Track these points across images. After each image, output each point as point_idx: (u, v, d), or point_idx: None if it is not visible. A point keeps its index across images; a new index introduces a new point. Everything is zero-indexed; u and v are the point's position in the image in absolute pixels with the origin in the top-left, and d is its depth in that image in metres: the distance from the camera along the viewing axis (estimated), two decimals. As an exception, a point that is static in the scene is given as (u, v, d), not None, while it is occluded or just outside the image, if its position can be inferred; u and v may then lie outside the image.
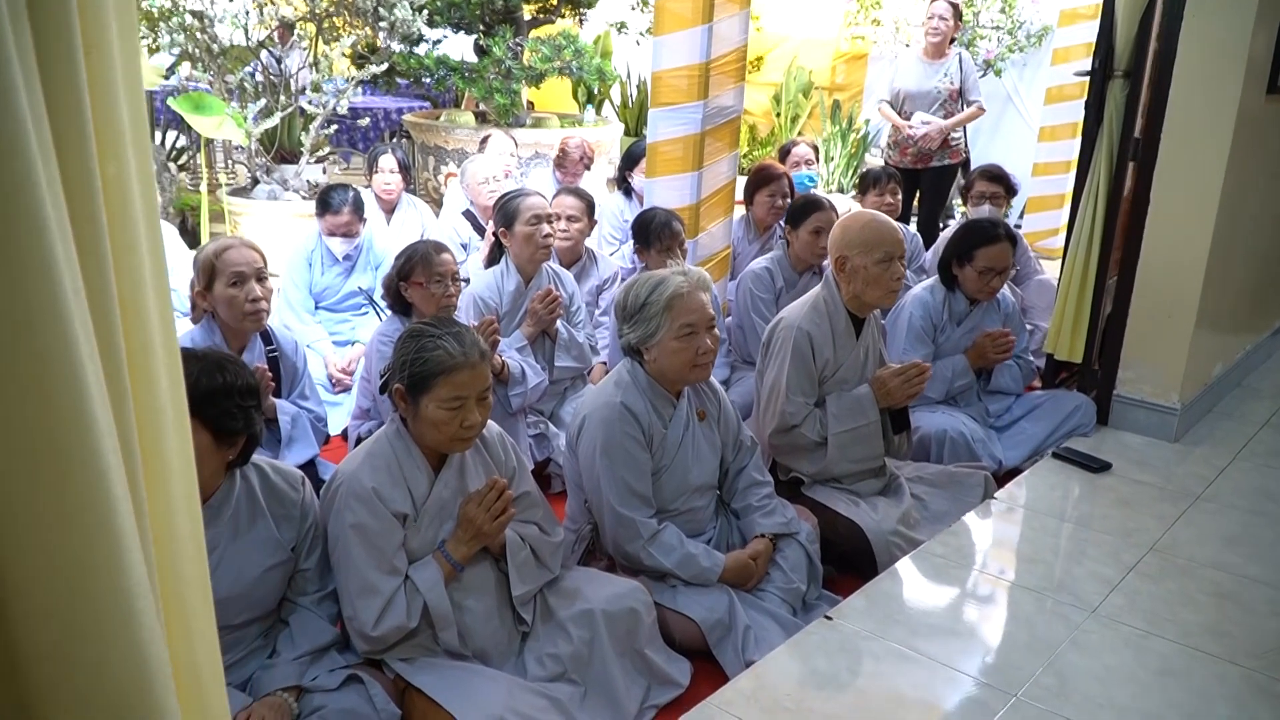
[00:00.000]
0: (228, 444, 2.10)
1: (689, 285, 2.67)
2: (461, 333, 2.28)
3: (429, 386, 2.22)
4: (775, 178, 4.97)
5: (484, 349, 2.30)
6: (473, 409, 2.26)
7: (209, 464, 2.09)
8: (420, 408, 2.25)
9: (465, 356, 2.24)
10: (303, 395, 3.28)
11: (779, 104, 9.76)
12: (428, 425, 2.26)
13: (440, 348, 2.23)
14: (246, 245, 3.03)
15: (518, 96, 6.80)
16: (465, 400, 2.24)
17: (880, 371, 3.24)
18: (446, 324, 2.31)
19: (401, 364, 2.26)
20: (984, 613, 2.66)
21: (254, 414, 2.13)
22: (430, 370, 2.22)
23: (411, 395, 2.25)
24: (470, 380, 2.24)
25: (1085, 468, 3.54)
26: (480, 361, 2.27)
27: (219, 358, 2.11)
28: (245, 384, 2.11)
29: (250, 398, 2.12)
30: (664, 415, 2.75)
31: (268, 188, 5.80)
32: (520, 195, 3.71)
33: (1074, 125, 7.77)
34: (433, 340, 2.24)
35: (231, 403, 2.06)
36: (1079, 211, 3.85)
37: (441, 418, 2.23)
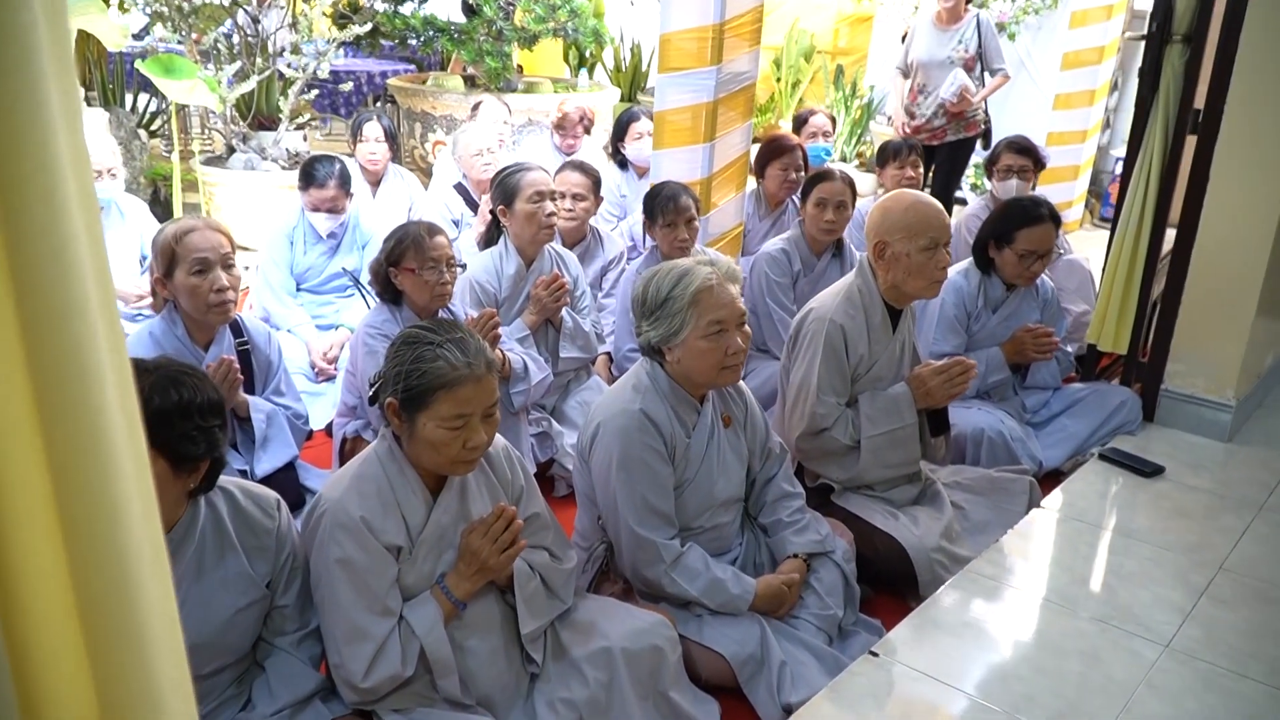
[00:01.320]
0: (188, 471, 1.79)
1: (717, 277, 2.35)
2: (465, 339, 1.96)
3: (427, 403, 1.91)
4: (789, 149, 4.65)
5: (490, 358, 1.99)
6: (478, 428, 1.95)
7: (166, 495, 1.78)
8: (416, 426, 1.94)
9: (470, 368, 1.93)
10: (278, 391, 2.96)
11: (779, 69, 9.39)
12: (425, 446, 1.95)
13: (441, 358, 1.91)
14: (211, 228, 2.69)
15: (509, 59, 6.43)
16: (469, 418, 1.93)
17: (920, 369, 2.95)
18: (447, 328, 1.99)
19: (396, 375, 1.94)
20: (1047, 647, 2.38)
21: (218, 435, 1.82)
22: (429, 384, 1.91)
23: (407, 412, 1.94)
24: (475, 395, 1.93)
25: (1135, 471, 3.26)
26: (487, 373, 1.96)
27: (174, 371, 1.79)
28: (207, 400, 1.79)
29: (214, 416, 1.81)
30: (687, 423, 2.45)
31: (244, 156, 5.43)
32: (521, 170, 3.38)
33: (1090, 93, 7.47)
34: (431, 349, 1.93)
35: (190, 424, 1.75)
36: (1129, 189, 3.55)
37: (442, 438, 1.93)
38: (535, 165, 3.45)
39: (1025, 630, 2.43)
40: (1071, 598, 2.56)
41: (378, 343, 2.91)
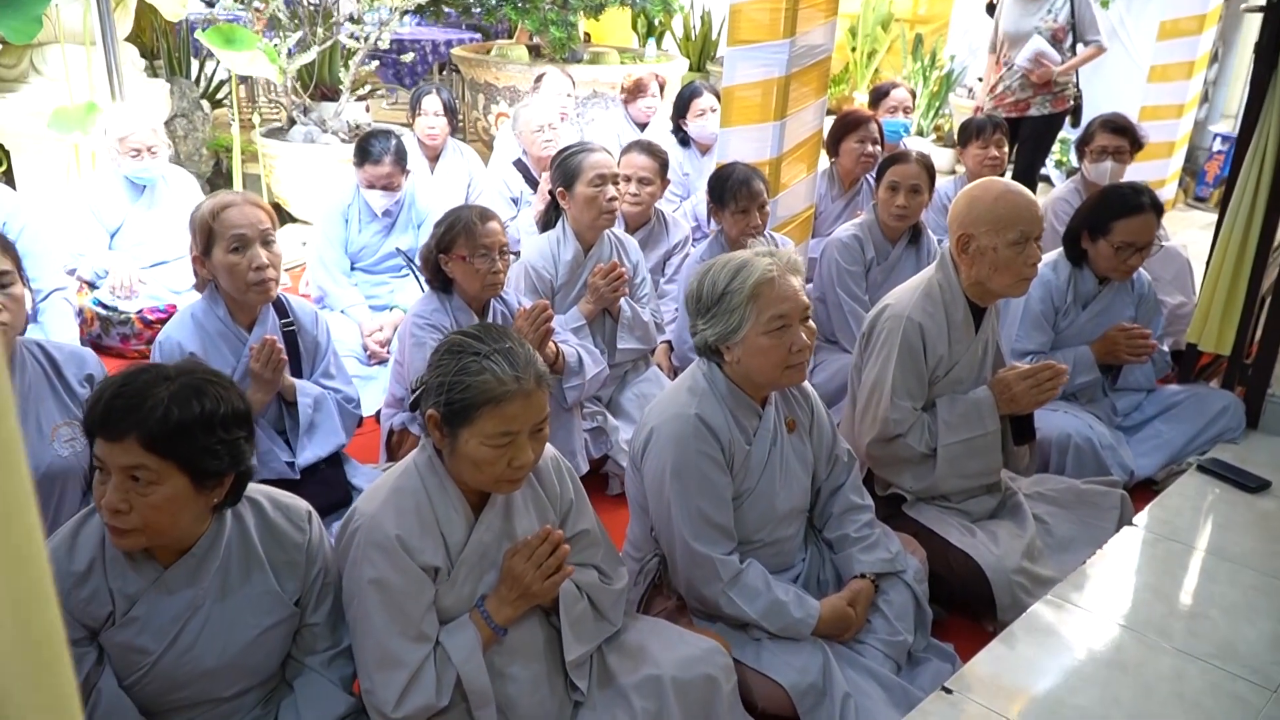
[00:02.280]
0: (211, 487, 1.67)
1: (778, 269, 2.16)
2: (514, 350, 1.80)
3: (471, 418, 1.76)
4: (863, 123, 4.41)
5: (541, 371, 1.82)
6: (525, 446, 1.80)
7: (188, 512, 1.67)
8: (459, 442, 1.79)
9: (519, 383, 1.77)
10: (328, 374, 2.81)
11: (854, 38, 9.04)
12: (467, 463, 1.80)
13: (487, 370, 1.76)
14: (250, 203, 2.56)
15: (574, 29, 6.24)
16: (516, 436, 1.78)
17: (1004, 373, 2.72)
18: (495, 335, 1.83)
19: (438, 386, 1.79)
20: (1138, 688, 2.16)
21: (243, 447, 1.69)
22: (473, 399, 1.75)
23: (449, 426, 1.79)
24: (524, 412, 1.78)
25: (1238, 486, 3.00)
26: (537, 388, 1.80)
27: (197, 379, 1.66)
28: (232, 410, 1.66)
29: (239, 427, 1.68)
30: (748, 428, 2.27)
31: (304, 129, 5.34)
32: (583, 151, 3.20)
33: (1189, 65, 7.03)
34: (477, 360, 1.77)
35: (213, 438, 1.62)
36: (1240, 175, 3.25)
37: (486, 456, 1.78)
38: (598, 146, 3.28)
39: (1114, 668, 2.22)
40: (1167, 631, 2.34)
41: (425, 334, 2.78)
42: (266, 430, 2.63)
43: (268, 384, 2.55)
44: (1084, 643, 2.29)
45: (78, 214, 3.89)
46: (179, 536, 1.70)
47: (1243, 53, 7.52)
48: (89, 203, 3.91)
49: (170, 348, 2.52)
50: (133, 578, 1.70)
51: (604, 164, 3.18)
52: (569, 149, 3.27)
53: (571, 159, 3.21)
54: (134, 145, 3.84)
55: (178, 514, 1.64)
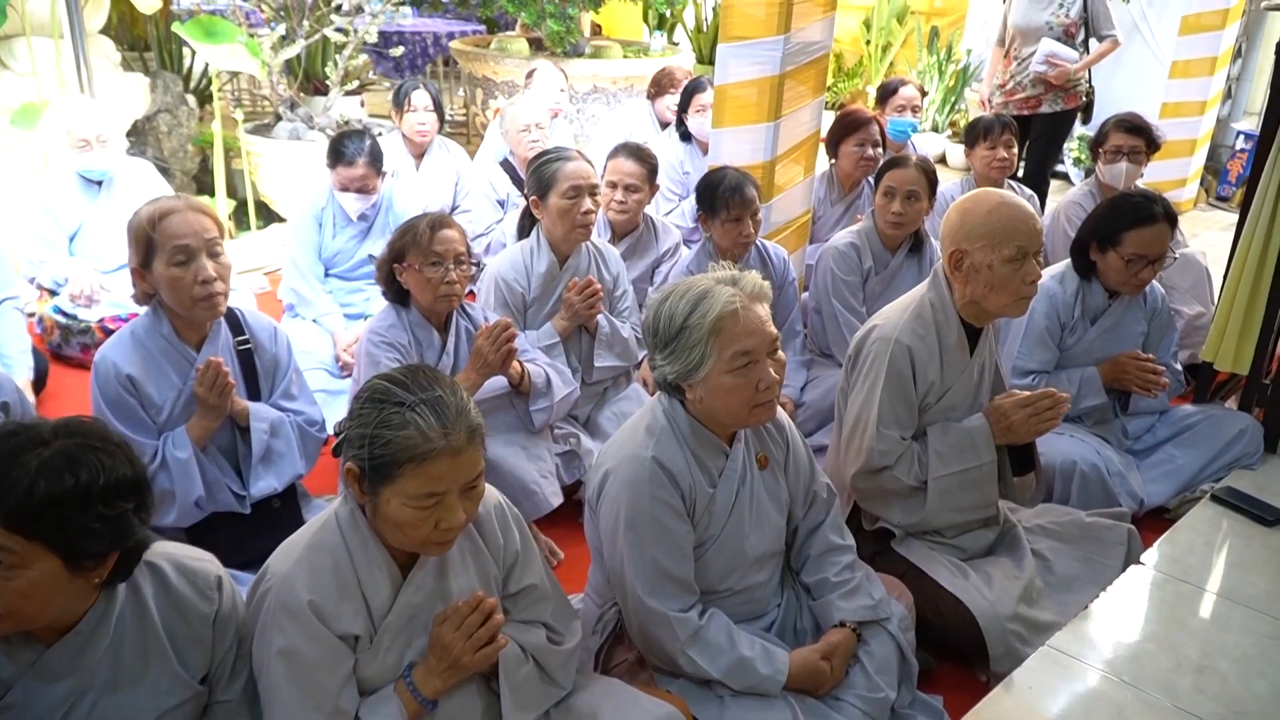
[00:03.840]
0: (91, 567, 1.46)
1: (742, 299, 1.96)
2: (443, 399, 1.60)
3: (392, 476, 1.58)
4: (864, 124, 4.20)
5: (474, 423, 1.62)
6: (454, 506, 1.62)
7: (61, 595, 1.46)
8: (380, 500, 1.61)
9: (446, 439, 1.57)
10: (288, 394, 2.62)
11: (869, 30, 8.81)
12: (390, 524, 1.63)
13: (410, 424, 1.56)
14: (193, 209, 2.37)
15: (574, 22, 6.04)
16: (443, 496, 1.60)
17: (1000, 400, 2.52)
18: (423, 382, 1.62)
19: (358, 438, 1.60)
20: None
21: (130, 520, 1.47)
22: (395, 456, 1.56)
23: (369, 482, 1.61)
24: (451, 471, 1.59)
25: (1255, 518, 2.79)
26: (468, 444, 1.60)
27: (75, 445, 1.43)
28: (115, 480, 1.43)
29: (126, 498, 1.45)
30: (712, 470, 2.08)
31: (290, 125, 5.17)
32: (559, 159, 3.02)
33: (1211, 60, 6.77)
34: (400, 411, 1.57)
35: (90, 515, 1.41)
36: (1260, 184, 3.03)
37: (409, 518, 1.60)
38: (574, 153, 3.08)
39: (1115, 731, 2.03)
40: (1172, 688, 2.14)
41: (381, 352, 2.61)
42: (215, 459, 2.45)
43: (214, 410, 2.38)
44: (1081, 701, 2.10)
45: (34, 218, 3.73)
46: (56, 617, 1.51)
47: (1267, 48, 7.24)
48: (44, 205, 3.75)
49: (107, 370, 2.35)
50: (4, 661, 1.50)
51: (580, 174, 2.99)
52: (545, 155, 3.09)
53: (546, 166, 3.02)
54: (81, 137, 3.66)
55: (48, 599, 1.44)
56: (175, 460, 2.32)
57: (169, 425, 2.38)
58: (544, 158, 3.08)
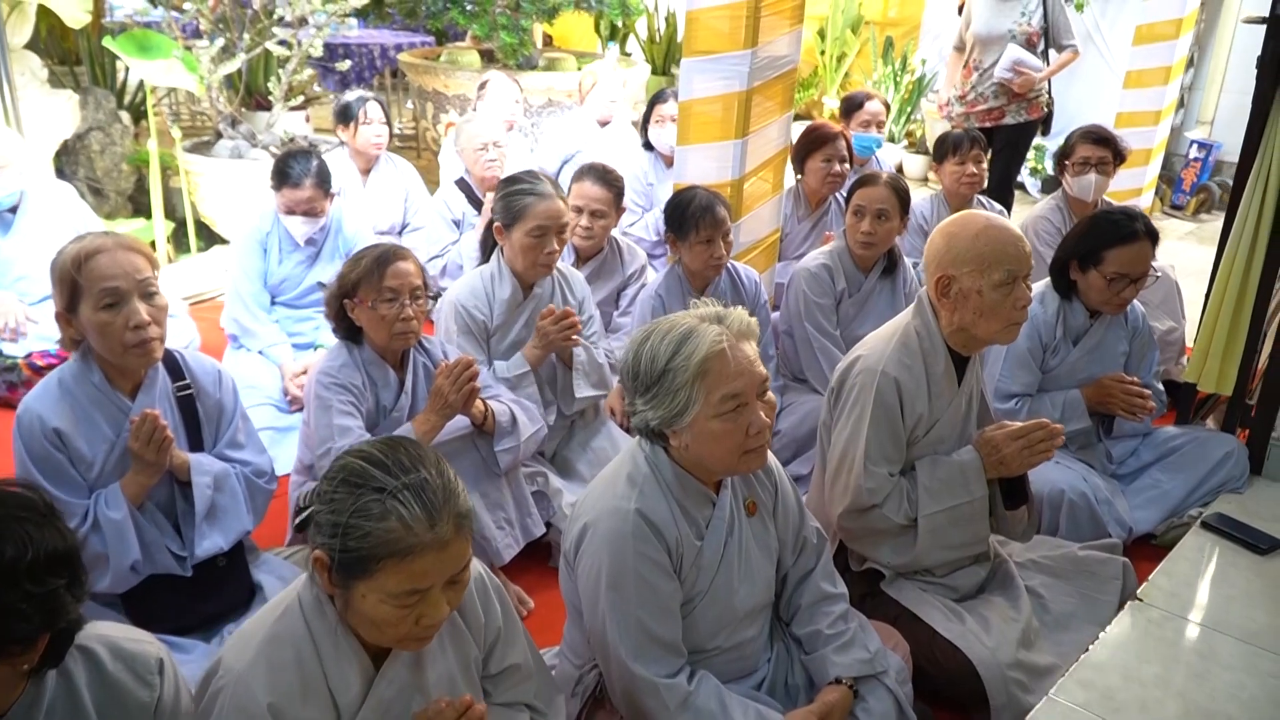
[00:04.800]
0: (19, 652, 1.28)
1: (729, 338, 1.82)
2: (428, 483, 1.40)
3: (370, 572, 1.38)
4: (830, 139, 4.09)
5: (463, 510, 1.43)
6: (438, 601, 1.43)
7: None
8: (353, 594, 1.42)
9: (433, 531, 1.38)
10: (234, 443, 2.39)
11: (824, 40, 8.75)
12: (364, 621, 1.45)
13: (392, 514, 1.37)
14: (124, 248, 2.16)
15: (527, 34, 5.88)
16: (426, 592, 1.42)
17: (991, 432, 2.40)
18: (406, 461, 1.42)
19: (330, 525, 1.40)
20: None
21: (62, 598, 1.29)
22: (373, 550, 1.37)
23: (341, 575, 1.41)
24: (437, 566, 1.40)
25: (1248, 546, 2.70)
26: (456, 535, 1.42)
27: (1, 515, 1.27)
28: (43, 555, 1.26)
29: (56, 573, 1.28)
30: (698, 520, 1.93)
31: (231, 143, 4.95)
32: (531, 193, 2.83)
33: (1166, 70, 6.78)
34: (380, 500, 1.38)
35: (16, 594, 1.23)
36: (1242, 202, 2.96)
37: (387, 616, 1.41)
38: (550, 188, 2.88)
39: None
40: (1185, 738, 2.04)
41: (332, 394, 2.42)
42: (153, 517, 2.22)
43: (151, 466, 2.15)
44: (1091, 757, 1.98)
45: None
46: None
47: (1218, 57, 7.29)
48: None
49: (31, 424, 2.12)
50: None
51: (550, 215, 2.82)
52: (518, 184, 2.89)
53: (517, 198, 2.84)
54: None
55: None
56: (108, 521, 2.11)
57: (101, 482, 2.16)
58: (517, 187, 2.88)
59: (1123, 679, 2.19)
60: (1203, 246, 6.58)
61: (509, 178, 2.95)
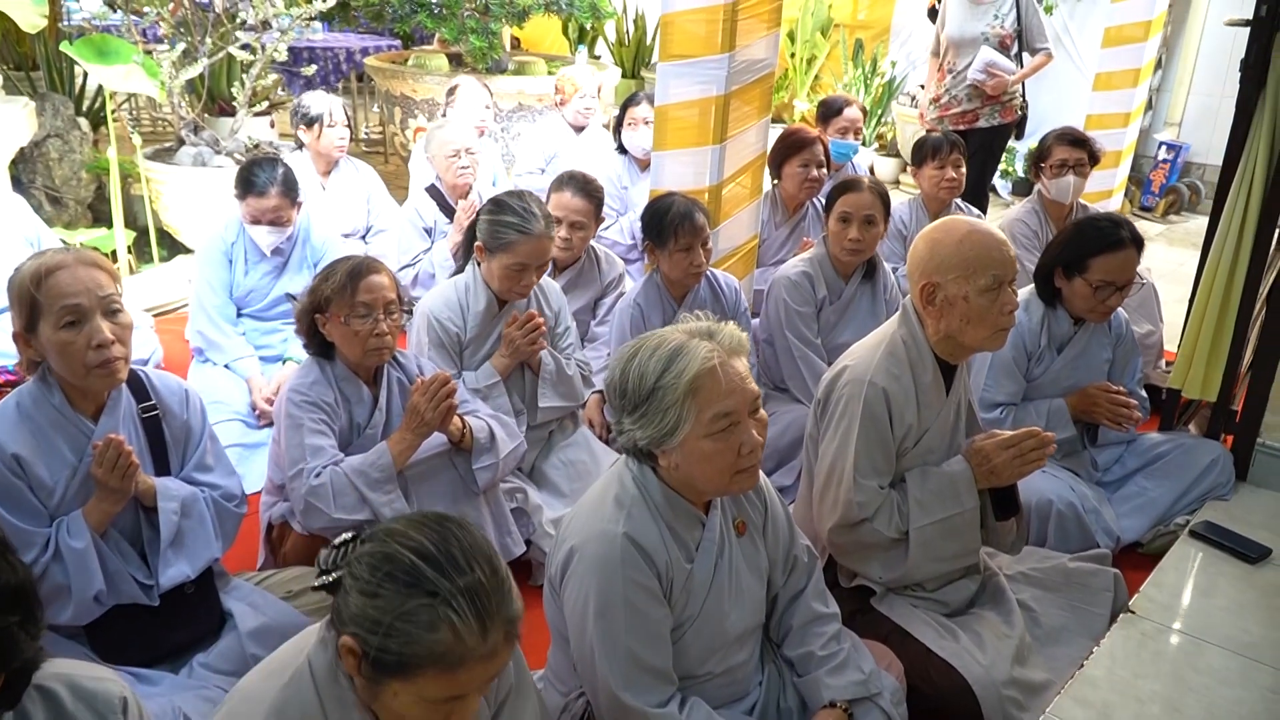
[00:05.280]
0: None
1: (720, 355, 1.75)
2: (483, 585, 1.27)
3: (409, 675, 1.26)
4: (807, 144, 4.05)
5: (514, 615, 1.31)
6: (473, 703, 1.33)
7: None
8: (383, 690, 1.29)
9: (485, 641, 1.26)
10: (202, 466, 2.27)
11: (793, 43, 8.73)
12: (389, 713, 1.33)
13: (444, 623, 1.23)
14: (85, 263, 2.06)
15: (497, 38, 5.80)
16: (465, 698, 1.31)
17: (982, 442, 2.36)
18: (460, 559, 1.27)
19: (370, 622, 1.26)
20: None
21: (16, 636, 1.22)
22: (417, 658, 1.25)
23: (374, 670, 1.28)
24: (483, 674, 1.29)
25: (1238, 555, 2.68)
26: (504, 644, 1.30)
27: None
28: (3, 588, 1.20)
29: (13, 608, 1.20)
30: (688, 543, 1.86)
31: (194, 150, 4.83)
32: (520, 230, 2.71)
33: (1135, 72, 6.81)
34: (432, 606, 1.24)
35: None
36: (1226, 207, 2.94)
37: (417, 716, 1.30)
38: (538, 229, 2.74)
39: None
40: (1185, 756, 2.00)
41: (303, 413, 2.33)
42: (118, 545, 2.11)
43: (115, 493, 2.05)
44: (1091, 778, 1.94)
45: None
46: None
47: (1185, 59, 7.33)
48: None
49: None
50: None
51: (534, 254, 2.74)
52: (508, 213, 2.75)
53: (504, 230, 2.73)
54: None
55: None
56: (70, 550, 2.01)
57: (62, 509, 2.06)
58: (506, 217, 2.74)
59: (1119, 695, 2.15)
60: (1173, 248, 6.62)
61: (499, 201, 2.81)
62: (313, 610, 2.23)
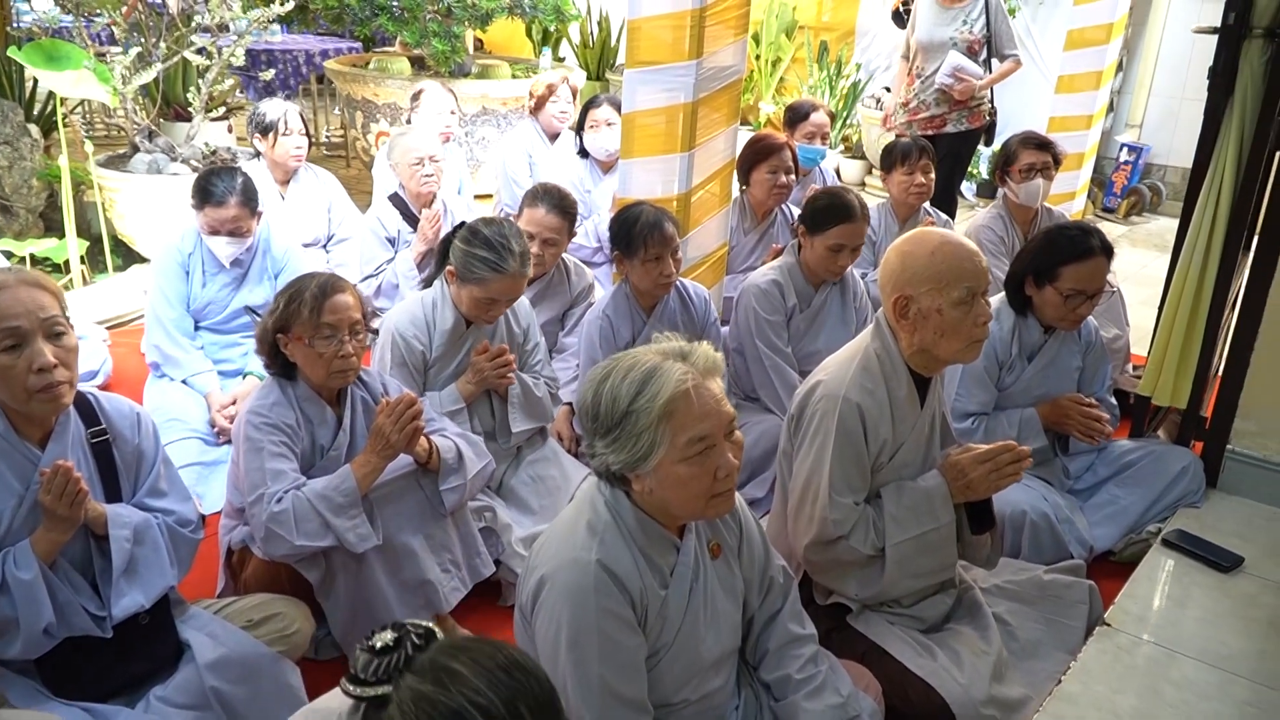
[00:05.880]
0: None
1: (694, 376, 1.70)
2: None
3: None
4: (776, 150, 4.01)
5: None
6: None
7: None
8: None
9: None
10: (155, 491, 2.18)
11: (758, 45, 8.71)
12: None
13: None
14: (26, 283, 1.97)
15: (459, 41, 5.72)
16: None
17: (957, 456, 2.33)
18: (528, 709, 1.09)
19: None
20: None
21: None
22: None
23: None
24: None
25: (1211, 564, 2.68)
26: None
27: None
28: None
29: None
30: (662, 568, 1.82)
31: (148, 156, 4.71)
32: (495, 268, 2.63)
33: (1097, 74, 6.85)
34: None
35: None
36: (1195, 213, 2.94)
37: None
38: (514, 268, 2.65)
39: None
40: (1164, 773, 1.98)
41: (263, 435, 2.26)
42: (68, 575, 2.02)
43: (65, 521, 1.96)
44: (1072, 799, 1.92)
45: None
46: None
47: (1146, 61, 7.40)
48: None
49: (-73, 478, 1.94)
50: None
51: (506, 292, 2.70)
52: (485, 247, 2.65)
53: (478, 266, 2.64)
54: None
55: None
56: (18, 582, 1.92)
57: (9, 539, 1.97)
58: (482, 253, 2.64)
59: (1097, 711, 2.14)
60: (1136, 249, 6.67)
61: (477, 231, 2.70)
62: (274, 640, 2.16)
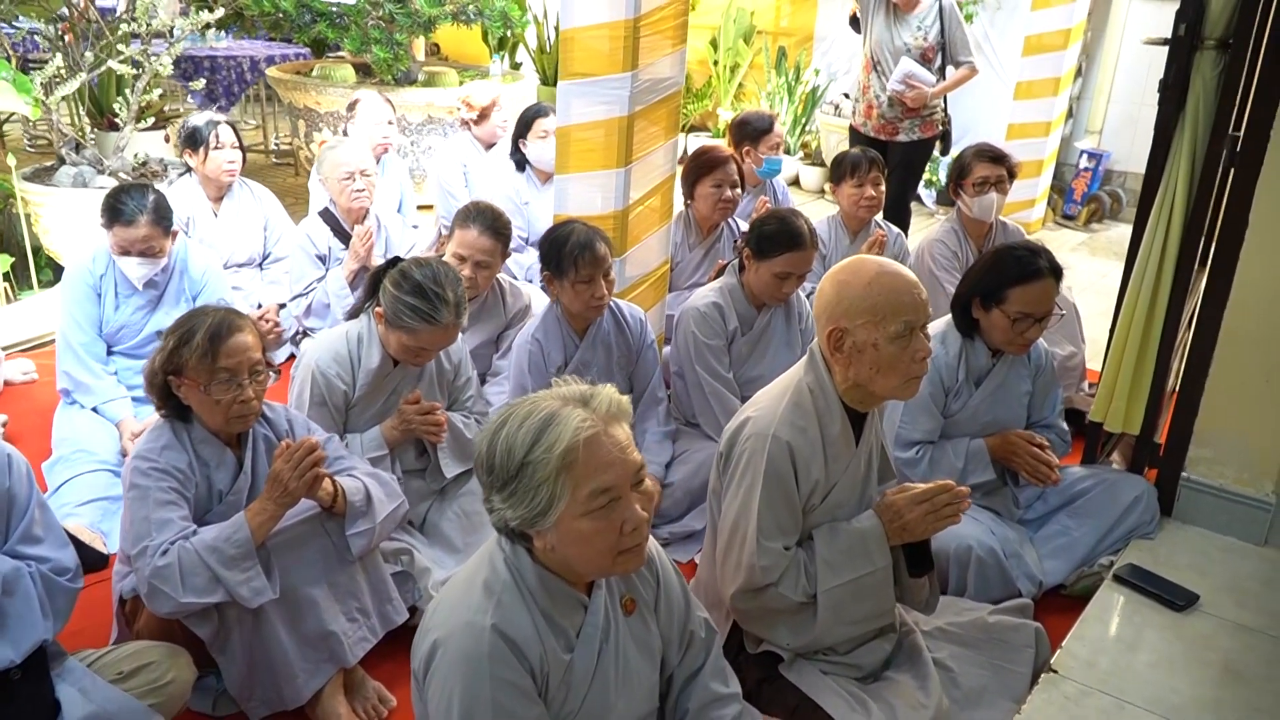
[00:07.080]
0: None
1: (595, 422, 1.57)
2: None
3: None
4: (721, 163, 3.89)
5: None
6: None
7: None
8: None
9: None
10: (29, 537, 2.00)
11: (716, 50, 8.60)
12: None
13: None
14: None
15: (403, 48, 5.55)
16: None
17: (893, 496, 2.20)
18: None
19: None
20: None
21: None
22: None
23: None
24: None
25: (1164, 602, 2.57)
26: None
27: None
28: None
29: None
30: (567, 630, 1.67)
31: (74, 169, 4.52)
32: (428, 318, 2.48)
33: (1055, 81, 6.81)
34: None
35: None
36: (1146, 230, 2.84)
37: None
38: (447, 319, 2.51)
39: None
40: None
41: (151, 482, 2.09)
42: None
43: None
44: None
45: None
46: None
47: (1105, 67, 7.34)
48: None
49: None
50: None
51: (437, 343, 2.58)
52: (417, 295, 2.48)
53: (408, 315, 2.48)
54: None
55: None
56: None
57: None
58: (411, 300, 2.48)
59: (1042, 769, 2.02)
60: (1095, 258, 6.60)
61: (409, 276, 2.51)
62: (146, 693, 2.00)
